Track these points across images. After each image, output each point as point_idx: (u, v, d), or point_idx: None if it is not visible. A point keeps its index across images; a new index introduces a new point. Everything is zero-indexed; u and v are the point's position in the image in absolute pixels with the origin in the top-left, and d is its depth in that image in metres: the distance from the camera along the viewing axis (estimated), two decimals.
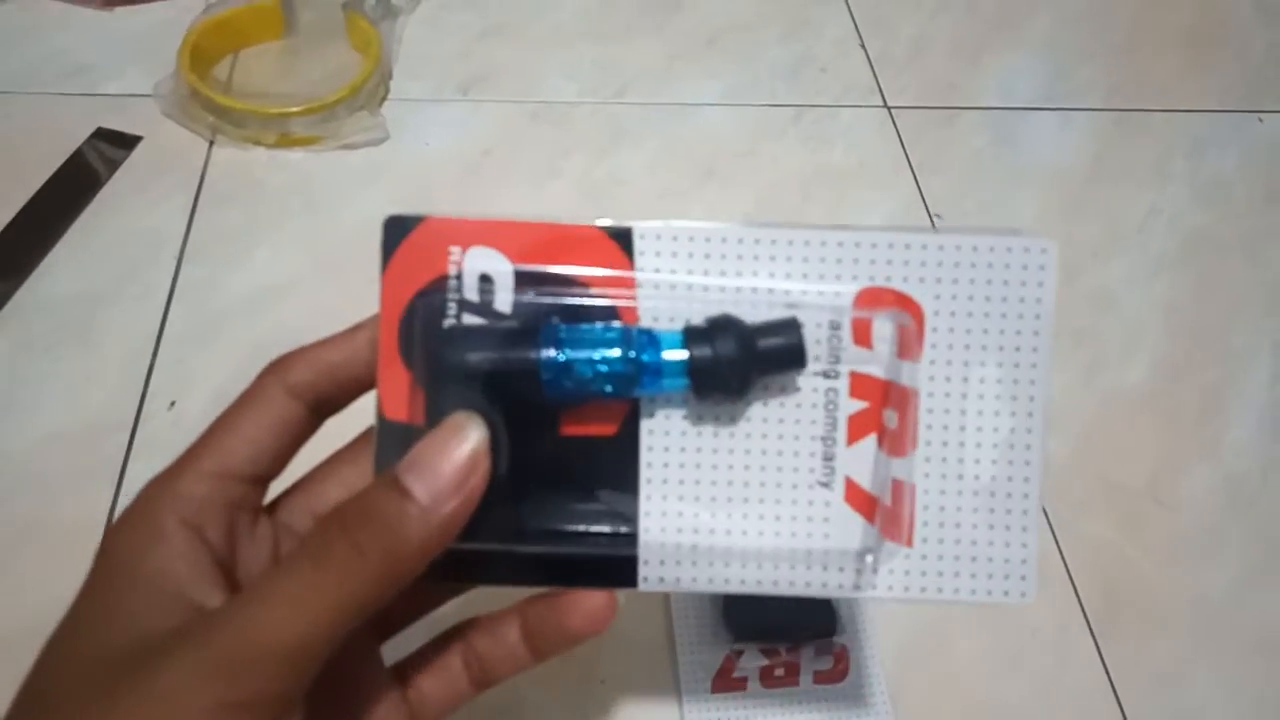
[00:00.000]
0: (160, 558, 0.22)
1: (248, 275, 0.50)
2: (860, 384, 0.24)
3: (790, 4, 0.69)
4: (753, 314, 0.24)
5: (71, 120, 0.55)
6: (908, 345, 0.24)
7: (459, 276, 0.24)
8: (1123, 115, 0.65)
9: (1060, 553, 0.45)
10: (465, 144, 0.57)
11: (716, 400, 0.24)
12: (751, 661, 0.38)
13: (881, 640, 0.40)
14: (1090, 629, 0.43)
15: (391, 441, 0.23)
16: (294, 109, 0.54)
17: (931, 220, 0.57)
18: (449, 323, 0.23)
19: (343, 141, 0.55)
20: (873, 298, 0.24)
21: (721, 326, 0.23)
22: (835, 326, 0.24)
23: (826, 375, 0.24)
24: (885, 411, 0.24)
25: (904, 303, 0.24)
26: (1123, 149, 0.63)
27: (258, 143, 0.55)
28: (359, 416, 0.25)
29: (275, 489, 0.26)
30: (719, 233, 0.24)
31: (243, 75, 0.58)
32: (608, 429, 0.24)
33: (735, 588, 0.24)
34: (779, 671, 0.38)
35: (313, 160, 0.55)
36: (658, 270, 0.24)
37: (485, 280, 0.24)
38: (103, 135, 0.54)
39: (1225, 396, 0.51)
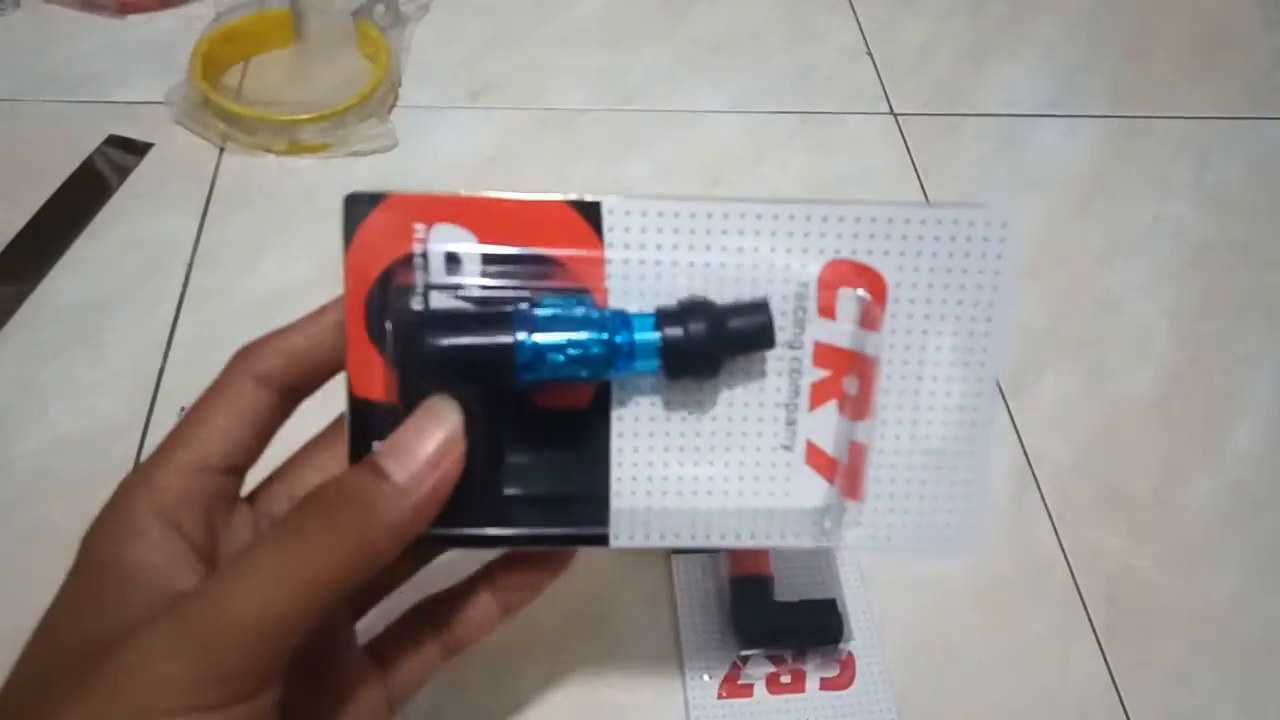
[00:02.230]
0: (138, 552, 0.22)
1: (257, 281, 0.50)
2: (824, 353, 0.25)
3: (797, 11, 0.69)
4: (720, 291, 0.24)
5: (83, 127, 0.55)
6: (870, 316, 0.25)
7: (424, 255, 0.23)
8: (1128, 122, 0.65)
9: (1066, 559, 0.45)
10: (473, 151, 0.58)
11: (687, 381, 0.24)
12: (758, 668, 0.38)
13: (888, 647, 0.41)
14: (1096, 635, 0.43)
15: (363, 419, 0.23)
16: (304, 116, 0.54)
17: None
18: (416, 302, 0.23)
19: (352, 149, 0.55)
20: (838, 269, 0.25)
21: (692, 309, 0.23)
22: (801, 298, 0.25)
23: (791, 345, 0.25)
24: (846, 379, 0.25)
25: (868, 274, 0.25)
26: (1128, 156, 0.63)
27: (268, 150, 0.55)
28: (336, 401, 0.25)
29: (255, 477, 0.26)
30: (686, 206, 0.24)
31: (253, 83, 0.59)
32: (579, 401, 0.25)
33: (701, 541, 0.25)
34: (785, 678, 0.38)
35: (322, 167, 0.55)
36: (626, 245, 0.24)
37: (452, 259, 0.23)
38: (114, 142, 0.55)
39: (1231, 403, 0.52)
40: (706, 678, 0.39)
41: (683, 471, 0.25)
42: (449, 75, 0.62)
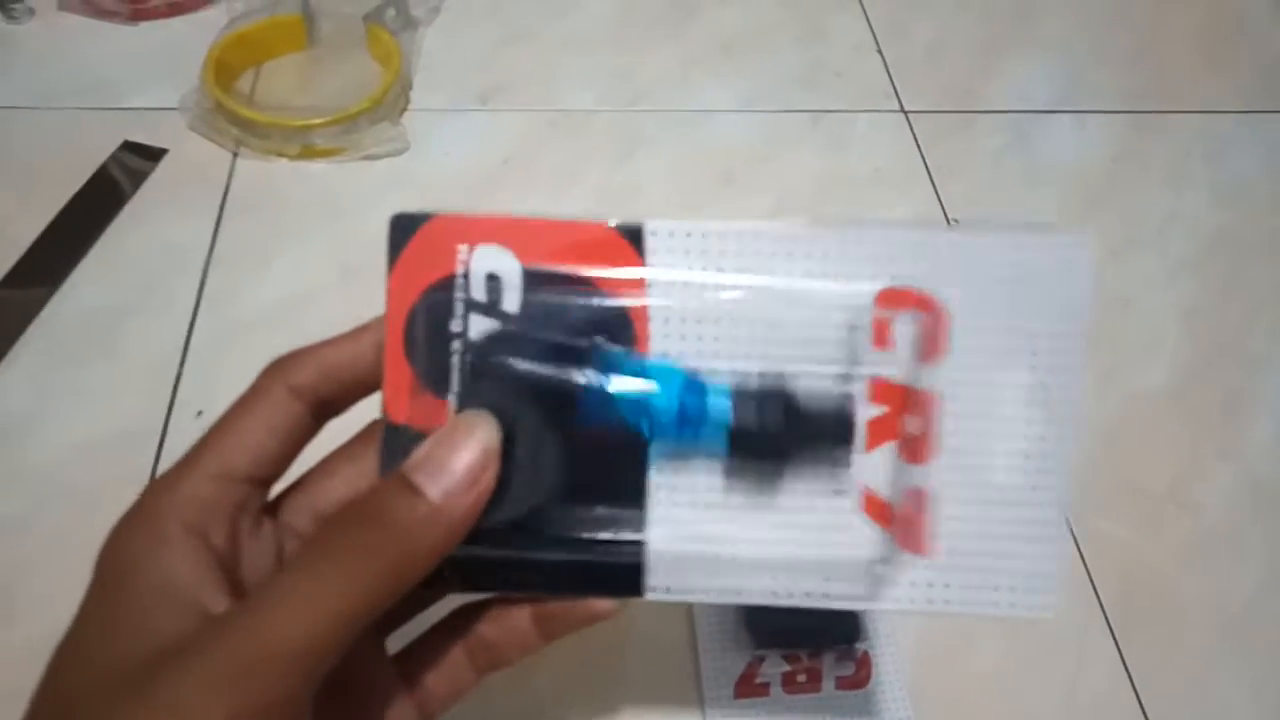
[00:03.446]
0: (164, 563, 0.21)
1: (272, 285, 0.50)
2: (880, 388, 0.23)
3: (806, 9, 0.69)
4: (770, 324, 0.23)
5: (98, 134, 0.56)
6: (931, 348, 0.23)
7: (466, 275, 0.23)
8: (1140, 117, 0.65)
9: (1081, 556, 0.45)
10: (485, 153, 0.58)
11: (750, 470, 0.23)
12: (774, 667, 0.38)
13: (903, 646, 0.41)
14: (1112, 632, 0.43)
15: (396, 444, 0.23)
16: (316, 121, 0.55)
17: (949, 224, 0.57)
18: (455, 324, 0.23)
19: (364, 153, 0.56)
20: (894, 298, 0.23)
21: (771, 394, 0.23)
22: (854, 328, 0.23)
23: (844, 379, 0.23)
24: (905, 417, 0.23)
25: (926, 304, 0.23)
26: (1141, 151, 0.63)
27: (281, 155, 0.55)
28: (358, 415, 0.25)
29: (275, 487, 0.25)
30: (731, 230, 0.23)
31: (265, 88, 0.59)
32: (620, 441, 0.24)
33: (744, 598, 0.23)
34: (801, 677, 0.39)
35: (335, 171, 0.55)
36: (670, 268, 0.23)
37: (492, 279, 0.23)
38: (129, 148, 0.55)
39: (1246, 398, 0.51)
40: (722, 678, 0.39)
41: (725, 518, 0.23)
42: (460, 78, 0.62)
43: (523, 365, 0.23)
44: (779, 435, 0.22)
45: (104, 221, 0.52)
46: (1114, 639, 0.42)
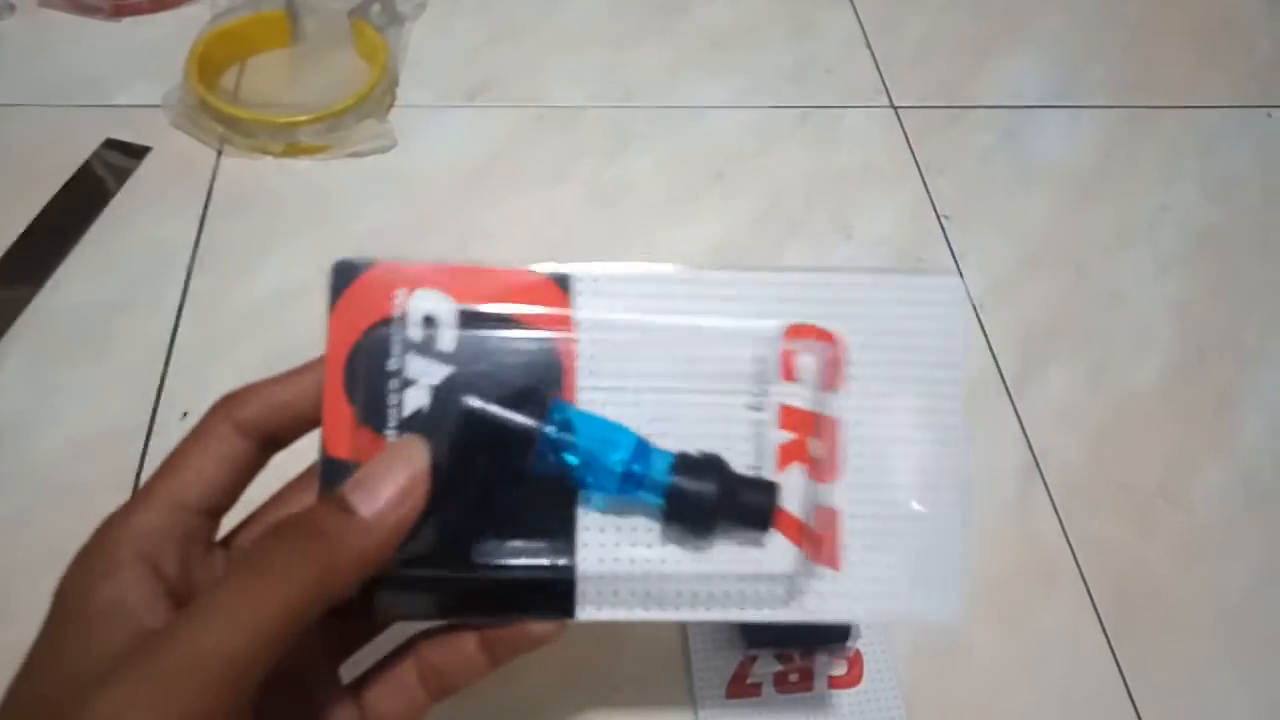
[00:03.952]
0: (113, 590, 0.22)
1: (258, 284, 0.50)
2: (787, 416, 0.25)
3: (796, 5, 0.69)
4: (685, 355, 0.25)
5: (81, 132, 0.55)
6: (831, 378, 0.25)
7: (403, 316, 0.24)
8: (1132, 112, 0.65)
9: (1073, 555, 0.44)
10: (473, 150, 0.57)
11: (680, 530, 0.25)
12: (766, 667, 0.38)
13: (895, 645, 0.40)
14: (1104, 631, 0.42)
15: (334, 479, 0.24)
16: (302, 118, 0.54)
17: (940, 221, 0.57)
18: (393, 363, 0.24)
19: (350, 149, 0.55)
20: (798, 333, 0.25)
21: (708, 465, 0.24)
22: (761, 360, 0.25)
23: (755, 408, 0.25)
24: (810, 440, 0.25)
25: (827, 338, 0.25)
26: (1132, 146, 0.63)
27: (266, 152, 0.55)
28: (308, 448, 0.25)
29: (230, 522, 0.26)
30: (651, 274, 0.25)
31: (250, 84, 0.59)
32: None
33: (671, 616, 0.25)
34: (793, 677, 0.38)
35: (321, 169, 0.55)
36: (595, 310, 0.25)
37: (429, 320, 0.24)
38: (112, 146, 0.55)
39: (1238, 394, 0.51)
40: (715, 677, 0.38)
41: (648, 539, 0.25)
42: (447, 74, 0.61)
43: (479, 407, 0.24)
44: (709, 504, 0.24)
45: (87, 220, 0.51)
46: (1106, 637, 0.42)
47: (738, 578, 0.25)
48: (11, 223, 0.50)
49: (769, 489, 0.25)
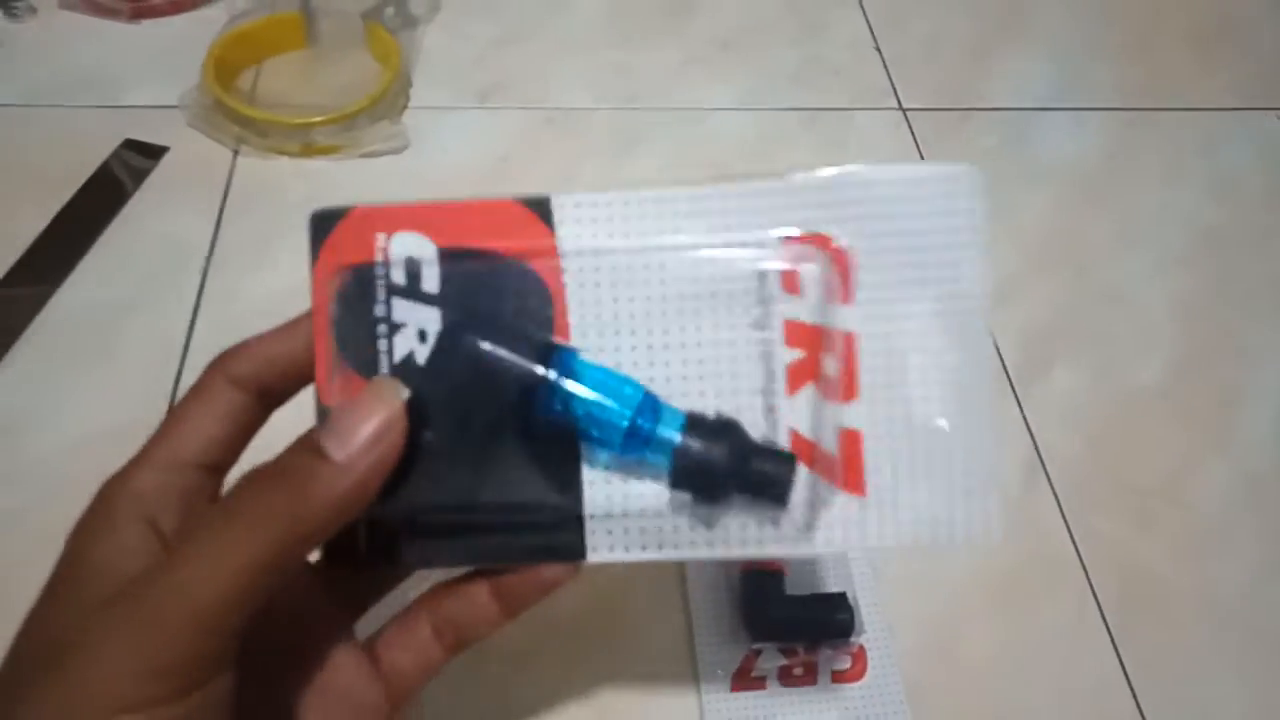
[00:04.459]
0: (109, 548, 0.22)
1: (273, 283, 0.50)
2: (794, 332, 0.24)
3: (803, 6, 0.69)
4: (677, 275, 0.24)
5: (99, 132, 0.56)
6: (839, 289, 0.24)
7: (385, 260, 0.24)
8: (1136, 114, 0.65)
9: (1076, 551, 0.45)
10: (483, 151, 0.58)
11: (686, 494, 0.24)
12: (770, 661, 0.39)
13: (899, 640, 0.41)
14: (1107, 627, 0.43)
15: None
16: (316, 119, 0.55)
17: None
18: (378, 308, 0.24)
19: (364, 150, 0.56)
20: (799, 242, 0.24)
21: (722, 429, 0.23)
22: (762, 275, 0.24)
23: (758, 326, 0.24)
24: (823, 358, 0.24)
25: (829, 247, 0.24)
26: (1136, 147, 0.63)
27: (281, 152, 0.55)
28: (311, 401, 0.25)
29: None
30: (634, 196, 0.24)
31: (266, 86, 0.59)
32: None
33: (685, 554, 0.24)
34: (797, 671, 0.39)
35: (336, 169, 0.56)
36: (579, 236, 0.24)
37: (411, 262, 0.24)
38: (130, 146, 0.55)
39: (1240, 394, 0.52)
40: (719, 671, 0.39)
41: (658, 483, 0.24)
42: (459, 76, 0.62)
43: (485, 350, 0.23)
44: (719, 469, 0.23)
45: (105, 219, 0.52)
46: (1109, 634, 0.43)
47: (749, 513, 0.24)
48: (30, 222, 0.51)
49: (788, 461, 0.23)
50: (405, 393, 0.23)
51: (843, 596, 0.39)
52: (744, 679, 0.39)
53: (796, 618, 0.39)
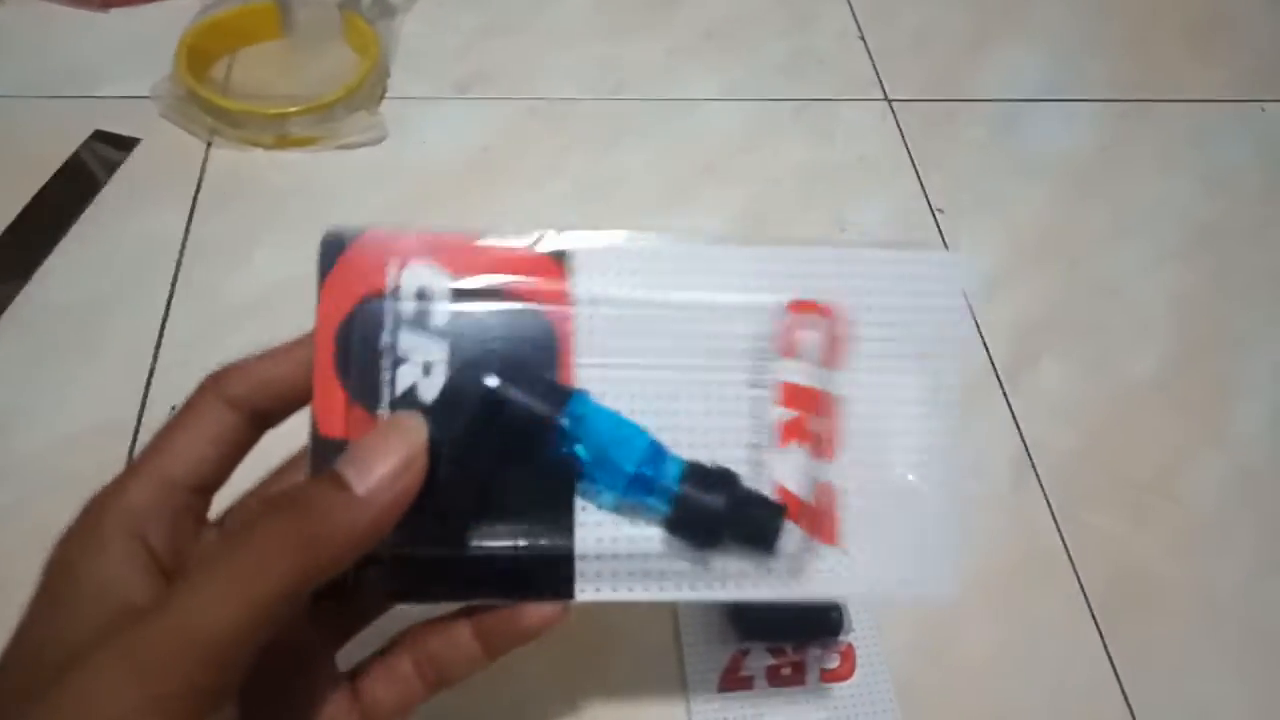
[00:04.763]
0: (100, 566, 0.22)
1: (248, 276, 0.49)
2: (789, 393, 0.25)
3: None
4: (685, 330, 0.25)
5: (69, 123, 0.54)
6: (833, 355, 0.25)
7: (395, 291, 0.24)
8: (1128, 106, 0.64)
9: (1065, 547, 0.44)
10: (464, 142, 0.57)
11: (683, 540, 0.24)
12: (758, 660, 0.38)
13: (887, 638, 0.40)
14: (1096, 623, 0.42)
15: (325, 458, 0.23)
16: (292, 109, 0.54)
17: (934, 214, 0.56)
18: (385, 339, 0.24)
19: (341, 141, 0.55)
20: (799, 309, 0.25)
21: (720, 479, 0.24)
22: (762, 337, 0.25)
23: (754, 384, 0.25)
24: (811, 418, 0.25)
25: (828, 314, 0.25)
26: (1128, 140, 0.63)
27: (256, 144, 0.54)
28: (302, 424, 0.25)
29: (227, 501, 0.26)
30: (648, 249, 0.25)
31: (240, 76, 0.58)
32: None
33: (671, 596, 0.25)
34: (786, 670, 0.38)
35: (311, 161, 0.54)
36: (592, 285, 0.24)
37: (422, 295, 0.24)
38: (101, 138, 0.54)
39: (1234, 387, 0.51)
40: (707, 671, 0.38)
41: (649, 527, 0.25)
42: (439, 66, 0.61)
43: (496, 389, 0.24)
44: (715, 516, 0.24)
45: (75, 212, 0.51)
46: (1098, 629, 0.42)
47: (739, 557, 0.25)
48: None
49: (777, 510, 0.24)
50: (426, 429, 0.23)
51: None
52: (732, 678, 0.38)
53: (785, 617, 0.38)
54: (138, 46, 0.58)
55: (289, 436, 0.25)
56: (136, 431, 0.44)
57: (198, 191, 0.53)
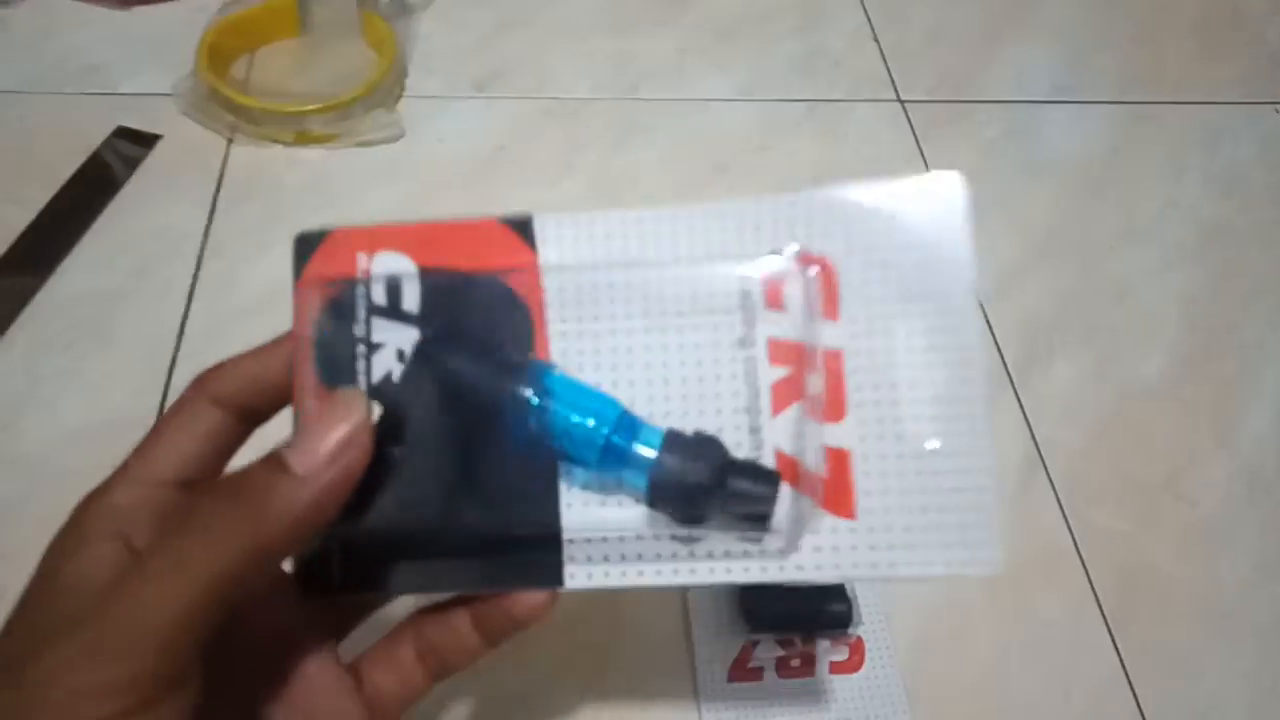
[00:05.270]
0: (79, 565, 0.22)
1: (267, 272, 0.50)
2: (778, 349, 0.23)
3: None
4: (659, 294, 0.23)
5: (90, 120, 0.55)
6: (825, 305, 0.23)
7: (366, 280, 0.24)
8: (1137, 107, 0.65)
9: (1075, 545, 0.45)
10: (480, 140, 0.58)
11: (665, 513, 0.23)
12: (768, 652, 0.38)
13: (897, 632, 0.41)
14: (1105, 621, 0.43)
15: None
16: (311, 107, 0.54)
17: None
18: (358, 328, 0.24)
19: (359, 139, 0.55)
20: (784, 259, 0.23)
21: (701, 446, 0.22)
22: (745, 293, 0.23)
23: (743, 344, 0.23)
24: (808, 376, 0.23)
25: (814, 262, 0.23)
26: (1138, 141, 0.63)
27: (275, 141, 0.55)
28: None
29: None
30: (615, 216, 0.24)
31: (260, 74, 0.59)
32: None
33: (666, 580, 0.23)
34: (795, 662, 0.39)
35: (330, 158, 0.55)
36: (560, 255, 0.24)
37: (392, 282, 0.24)
38: (122, 134, 0.55)
39: (1242, 388, 0.51)
40: (716, 662, 0.39)
41: (636, 505, 0.23)
42: (456, 64, 0.62)
43: (456, 369, 0.23)
44: (697, 489, 0.22)
45: (97, 208, 0.52)
46: (1107, 626, 0.42)
47: (735, 535, 0.23)
48: (21, 210, 0.51)
49: (770, 478, 0.22)
50: (370, 405, 0.22)
51: (840, 587, 0.39)
52: (741, 670, 0.39)
53: (794, 608, 0.38)
54: (159, 44, 0.59)
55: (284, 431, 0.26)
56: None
57: (218, 188, 0.53)
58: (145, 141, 0.55)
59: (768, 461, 0.23)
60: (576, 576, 0.23)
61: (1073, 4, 0.71)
